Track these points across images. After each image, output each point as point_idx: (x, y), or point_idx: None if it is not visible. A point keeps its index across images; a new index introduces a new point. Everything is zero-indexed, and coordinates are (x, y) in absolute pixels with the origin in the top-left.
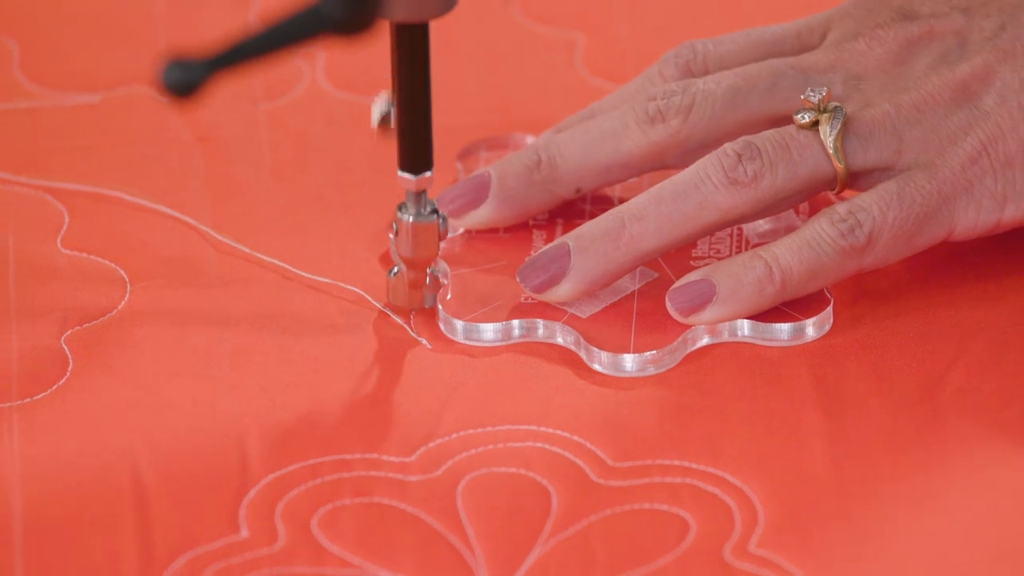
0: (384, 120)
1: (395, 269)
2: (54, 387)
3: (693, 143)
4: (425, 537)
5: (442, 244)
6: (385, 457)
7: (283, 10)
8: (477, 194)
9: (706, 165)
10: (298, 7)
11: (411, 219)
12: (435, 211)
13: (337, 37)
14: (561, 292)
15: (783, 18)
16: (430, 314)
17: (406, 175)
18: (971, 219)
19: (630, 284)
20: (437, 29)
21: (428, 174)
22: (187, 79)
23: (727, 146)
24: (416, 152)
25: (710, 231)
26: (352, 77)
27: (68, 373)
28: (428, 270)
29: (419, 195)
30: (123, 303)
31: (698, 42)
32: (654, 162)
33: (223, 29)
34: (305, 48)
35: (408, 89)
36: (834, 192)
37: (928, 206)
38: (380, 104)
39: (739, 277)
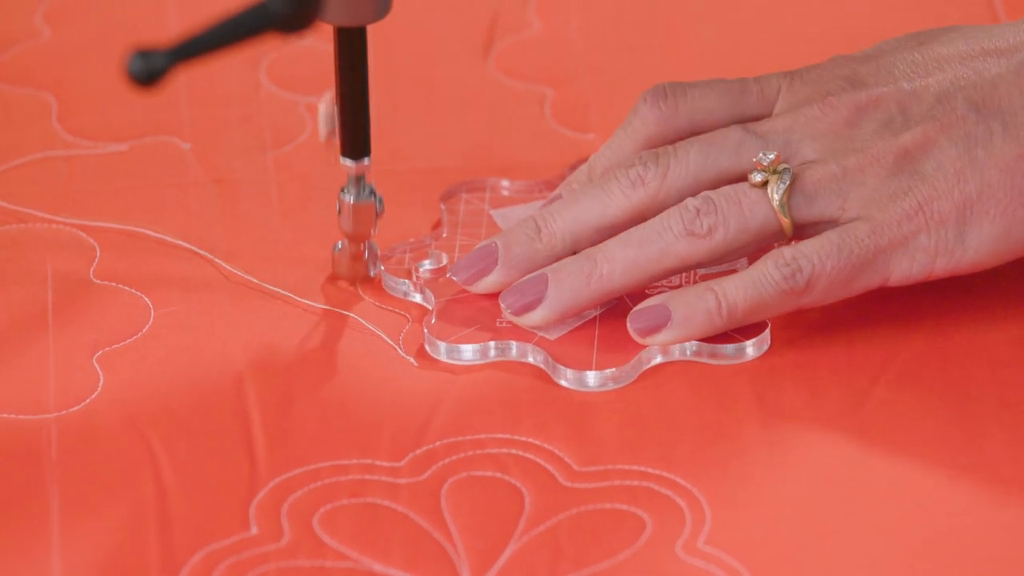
0: (330, 135)
1: (339, 244)
2: (86, 401)
3: (671, 201)
4: (414, 534)
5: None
6: (378, 462)
7: (235, 6)
8: (486, 264)
9: (669, 216)
10: (247, 4)
11: (352, 200)
12: (372, 193)
13: (281, 33)
14: (535, 317)
15: (725, 69)
16: (416, 336)
17: (347, 161)
18: (905, 270)
19: (592, 310)
20: (424, 85)
21: (366, 160)
22: (149, 68)
23: (688, 200)
24: (355, 141)
25: (670, 274)
26: None
27: (99, 388)
28: (364, 244)
29: (359, 179)
30: (147, 327)
31: (669, 85)
32: (637, 220)
33: (237, 80)
34: (254, 43)
35: (348, 86)
36: (785, 242)
37: (865, 256)
38: (324, 118)
39: (692, 306)
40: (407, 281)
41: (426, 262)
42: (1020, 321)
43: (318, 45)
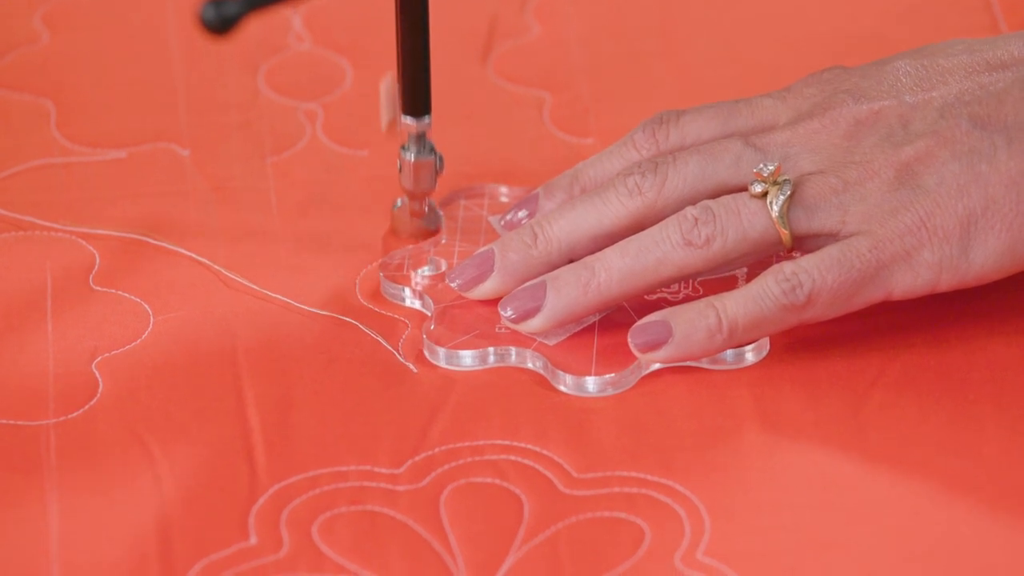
0: (391, 124)
1: (398, 202)
2: (85, 407)
3: (669, 211)
4: (413, 544)
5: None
6: (377, 469)
7: None
8: (482, 269)
9: (667, 225)
10: None
11: (412, 158)
12: (433, 150)
13: None
14: (533, 324)
15: (724, 75)
16: (416, 342)
17: (408, 119)
18: (908, 284)
19: (592, 315)
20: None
21: (427, 119)
22: (222, 16)
23: (688, 209)
24: (416, 99)
25: (668, 283)
26: (347, 133)
27: (98, 395)
28: (425, 202)
29: (419, 137)
30: (146, 333)
31: (666, 113)
32: (634, 229)
33: (236, 86)
34: None
35: (410, 43)
36: (784, 254)
37: (866, 271)
38: (386, 101)
39: (693, 323)
40: (406, 287)
41: (425, 268)
42: (1018, 324)
43: (316, 51)
